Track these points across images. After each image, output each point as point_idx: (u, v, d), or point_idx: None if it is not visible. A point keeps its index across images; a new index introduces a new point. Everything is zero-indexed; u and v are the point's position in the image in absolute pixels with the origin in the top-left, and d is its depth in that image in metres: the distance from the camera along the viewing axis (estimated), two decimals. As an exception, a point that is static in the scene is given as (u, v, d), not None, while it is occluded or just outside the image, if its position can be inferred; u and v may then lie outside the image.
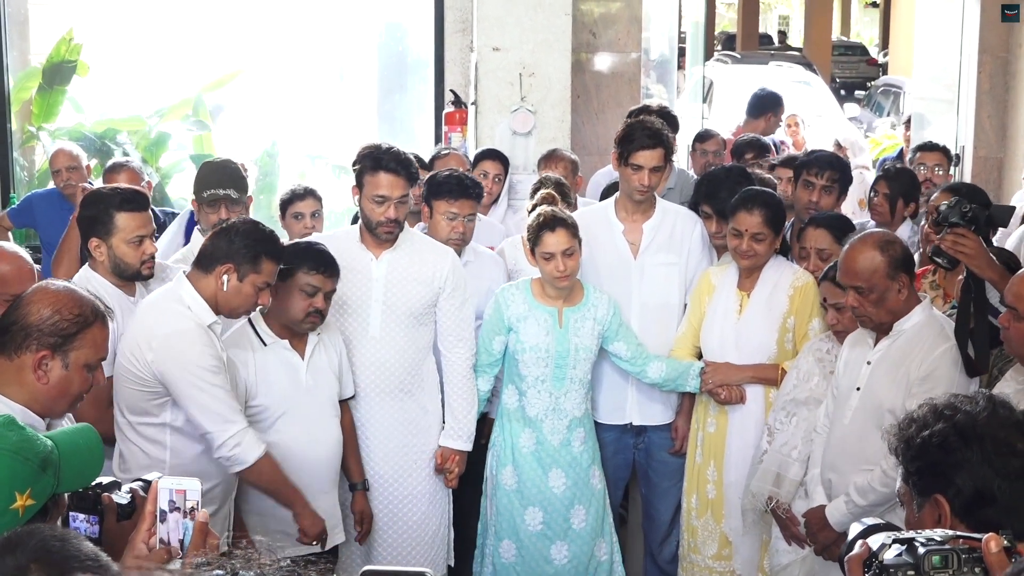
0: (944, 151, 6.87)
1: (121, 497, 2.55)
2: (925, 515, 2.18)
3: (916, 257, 5.07)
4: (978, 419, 2.20)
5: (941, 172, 6.64)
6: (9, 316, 3.01)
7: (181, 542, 2.38)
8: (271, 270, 4.15)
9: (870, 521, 2.00)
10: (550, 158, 6.44)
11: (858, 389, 4.23)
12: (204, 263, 4.13)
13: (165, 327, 4.01)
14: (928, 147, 6.93)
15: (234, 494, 4.30)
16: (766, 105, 8.98)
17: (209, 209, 5.18)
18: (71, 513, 2.52)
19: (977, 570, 1.77)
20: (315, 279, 4.39)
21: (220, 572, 1.49)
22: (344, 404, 4.71)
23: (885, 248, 4.11)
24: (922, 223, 5.30)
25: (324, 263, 4.43)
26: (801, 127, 10.91)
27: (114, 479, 2.61)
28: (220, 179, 5.18)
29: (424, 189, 5.23)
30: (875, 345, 4.23)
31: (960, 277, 4.54)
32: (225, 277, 4.08)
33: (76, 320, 2.99)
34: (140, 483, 2.60)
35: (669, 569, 5.29)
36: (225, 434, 4.02)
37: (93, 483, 2.54)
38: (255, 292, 4.13)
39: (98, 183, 6.77)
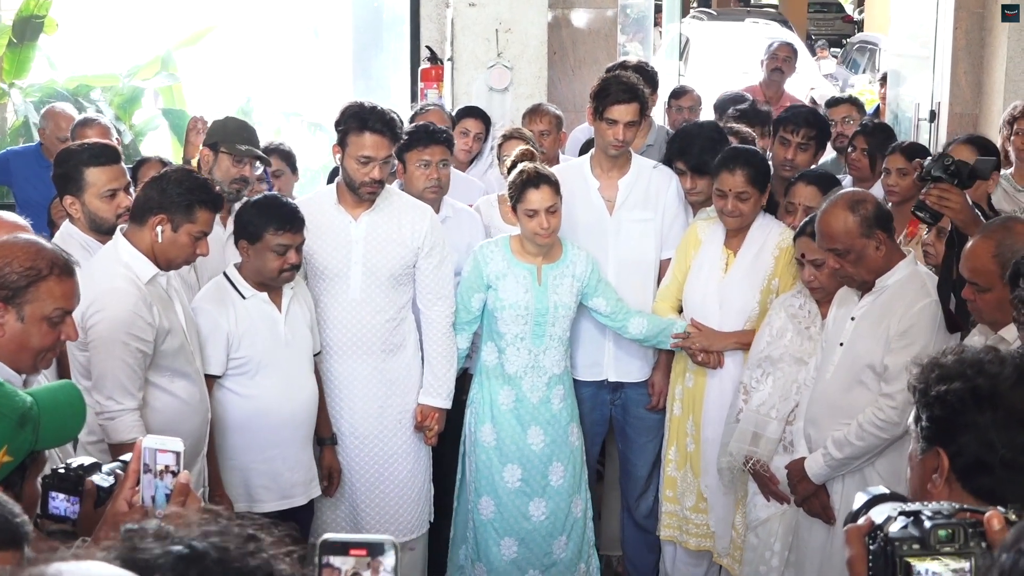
0: (852, 101, 7.10)
1: (103, 479, 2.48)
2: (926, 460, 2.13)
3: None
4: (1000, 385, 2.09)
5: (851, 123, 6.67)
6: None
7: (153, 499, 2.35)
8: (206, 219, 4.03)
9: (876, 491, 1.95)
10: (535, 113, 6.40)
11: (841, 344, 4.24)
12: (138, 215, 4.02)
13: (99, 285, 3.84)
14: (833, 103, 7.16)
15: (204, 451, 4.26)
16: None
17: (235, 163, 4.97)
18: (51, 492, 2.46)
19: (983, 544, 1.75)
20: (283, 238, 4.36)
21: (179, 548, 1.45)
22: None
23: (855, 208, 4.10)
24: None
25: (288, 220, 4.38)
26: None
27: (95, 460, 2.55)
28: (251, 137, 5.06)
29: (395, 148, 5.16)
30: (859, 301, 4.24)
31: (924, 232, 4.55)
32: (159, 228, 3.96)
33: (26, 273, 2.93)
34: (120, 463, 2.51)
35: (646, 524, 5.31)
36: (107, 405, 3.86)
37: (75, 464, 2.49)
38: (192, 242, 4.01)
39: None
